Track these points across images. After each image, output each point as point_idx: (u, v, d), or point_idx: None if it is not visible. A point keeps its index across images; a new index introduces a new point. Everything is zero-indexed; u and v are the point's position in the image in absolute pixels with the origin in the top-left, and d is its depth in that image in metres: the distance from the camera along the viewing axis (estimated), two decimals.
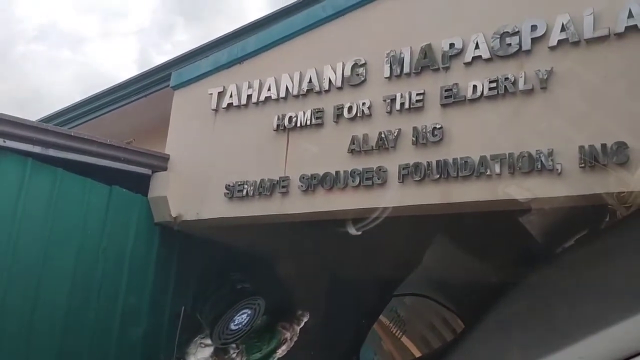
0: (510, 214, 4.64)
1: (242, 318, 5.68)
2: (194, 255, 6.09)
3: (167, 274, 5.86)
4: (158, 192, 5.85)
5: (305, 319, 5.85)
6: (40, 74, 35.34)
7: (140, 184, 5.82)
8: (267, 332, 5.79)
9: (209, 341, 5.71)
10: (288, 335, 5.71)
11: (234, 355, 5.67)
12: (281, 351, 5.66)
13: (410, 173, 4.62)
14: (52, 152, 5.07)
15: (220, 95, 5.89)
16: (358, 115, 5.05)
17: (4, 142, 4.73)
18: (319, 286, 6.39)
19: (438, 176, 4.48)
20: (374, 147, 4.87)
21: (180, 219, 5.75)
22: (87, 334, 5.16)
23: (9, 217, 4.73)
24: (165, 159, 5.94)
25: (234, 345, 5.60)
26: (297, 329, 5.81)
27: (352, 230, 4.65)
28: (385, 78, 4.99)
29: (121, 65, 38.21)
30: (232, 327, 5.67)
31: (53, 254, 4.98)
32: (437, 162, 4.51)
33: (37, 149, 4.95)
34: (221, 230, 5.86)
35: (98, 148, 5.41)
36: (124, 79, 8.10)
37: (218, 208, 5.58)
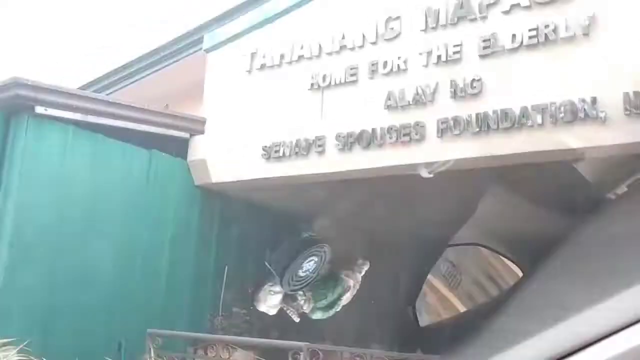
0: (554, 165, 4.57)
1: (309, 265, 6.01)
2: (234, 216, 6.18)
3: (209, 235, 5.97)
4: (197, 155, 5.92)
5: (366, 267, 6.13)
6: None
7: (179, 148, 5.89)
8: (331, 279, 6.06)
9: (278, 288, 6.01)
10: (351, 282, 6.02)
11: (302, 302, 6.04)
12: (345, 298, 5.99)
13: (449, 127, 4.56)
14: (92, 119, 5.16)
15: (254, 56, 5.86)
16: (393, 70, 4.98)
17: (45, 110, 4.83)
18: (360, 243, 6.48)
19: (478, 129, 4.42)
20: (410, 102, 4.82)
21: (219, 181, 5.83)
22: (133, 296, 5.31)
23: (54, 183, 4.86)
24: (202, 122, 5.98)
25: (301, 293, 5.98)
26: (359, 276, 6.08)
27: (424, 173, 4.63)
28: (421, 31, 4.90)
29: (154, 25, 38.12)
30: (300, 274, 5.99)
31: (97, 219, 5.12)
32: (477, 114, 4.44)
33: (77, 116, 5.04)
34: (260, 191, 5.92)
35: (136, 113, 5.48)
36: (157, 44, 8.11)
37: (256, 169, 5.62)
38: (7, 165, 4.72)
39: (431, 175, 4.66)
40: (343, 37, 5.34)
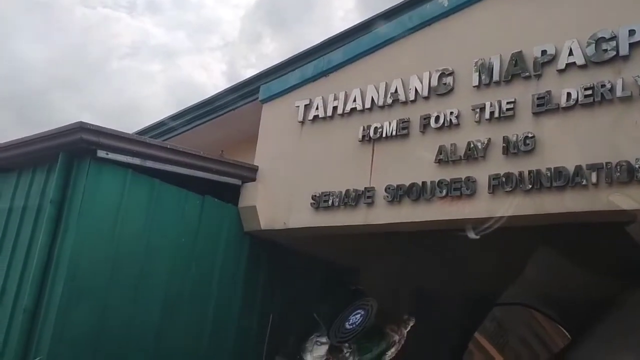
0: (606, 228, 4.45)
1: (355, 318, 5.98)
2: (282, 264, 6.21)
3: (255, 281, 6.01)
4: (247, 202, 6.02)
5: (412, 323, 6.06)
6: (133, 88, 37.30)
7: (231, 194, 6.01)
8: (376, 334, 6.01)
9: (324, 339, 6.01)
10: (397, 337, 5.97)
11: (347, 355, 6.03)
12: (390, 353, 5.93)
13: (501, 183, 4.52)
14: (149, 164, 5.33)
15: (307, 107, 6.01)
16: (445, 125, 5.01)
17: (107, 154, 5.02)
18: (405, 297, 6.40)
19: (530, 186, 4.37)
20: (462, 157, 4.81)
21: (267, 228, 5.89)
22: (179, 337, 5.36)
23: (111, 224, 5.02)
24: (254, 170, 6.11)
25: (347, 345, 6.00)
26: (404, 332, 6.02)
27: (471, 234, 4.63)
28: (474, 87, 4.93)
29: (210, 77, 39.57)
30: (347, 326, 5.99)
31: (150, 260, 5.23)
32: (530, 172, 4.39)
33: (136, 161, 5.22)
34: (307, 240, 5.95)
35: (192, 160, 5.64)
36: (214, 93, 8.40)
37: (304, 218, 5.67)
38: (67, 206, 4.91)
39: (478, 237, 4.62)
40: (395, 91, 5.42)
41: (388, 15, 6.44)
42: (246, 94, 7.69)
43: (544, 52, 4.61)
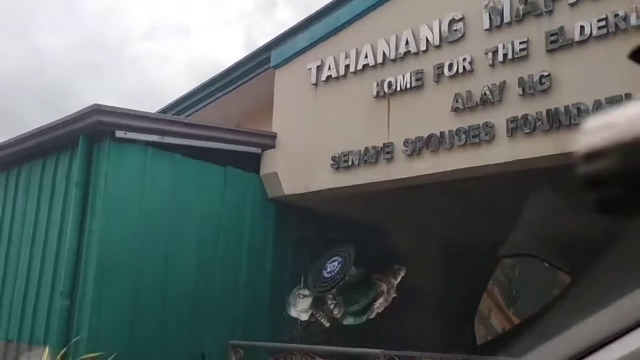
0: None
1: (333, 266, 5.79)
2: (308, 227, 6.26)
3: (284, 246, 6.08)
4: (269, 169, 6.06)
5: (402, 273, 5.82)
6: (155, 69, 37.46)
7: (252, 163, 6.05)
8: (363, 285, 5.87)
9: (307, 292, 5.89)
10: (384, 287, 5.75)
11: (332, 307, 5.82)
12: (379, 304, 5.71)
13: (520, 126, 4.45)
14: (169, 140, 5.39)
15: (319, 68, 5.96)
16: (459, 72, 4.92)
17: (125, 134, 5.09)
18: (426, 251, 6.32)
19: (549, 126, 4.29)
20: (478, 103, 4.74)
21: (290, 193, 5.93)
22: (215, 308, 5.48)
23: (136, 201, 5.12)
24: (273, 137, 6.12)
25: (331, 296, 5.77)
26: (394, 282, 5.81)
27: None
28: (485, 30, 4.82)
29: (228, 50, 39.37)
30: (325, 274, 5.81)
31: (177, 235, 5.33)
32: (548, 111, 4.31)
33: (154, 138, 5.29)
34: (330, 201, 5.97)
35: (210, 132, 5.69)
36: (228, 66, 8.37)
37: (326, 179, 5.69)
38: (92, 187, 5.02)
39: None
40: (407, 43, 5.33)
41: None
42: (261, 62, 7.64)
43: None
